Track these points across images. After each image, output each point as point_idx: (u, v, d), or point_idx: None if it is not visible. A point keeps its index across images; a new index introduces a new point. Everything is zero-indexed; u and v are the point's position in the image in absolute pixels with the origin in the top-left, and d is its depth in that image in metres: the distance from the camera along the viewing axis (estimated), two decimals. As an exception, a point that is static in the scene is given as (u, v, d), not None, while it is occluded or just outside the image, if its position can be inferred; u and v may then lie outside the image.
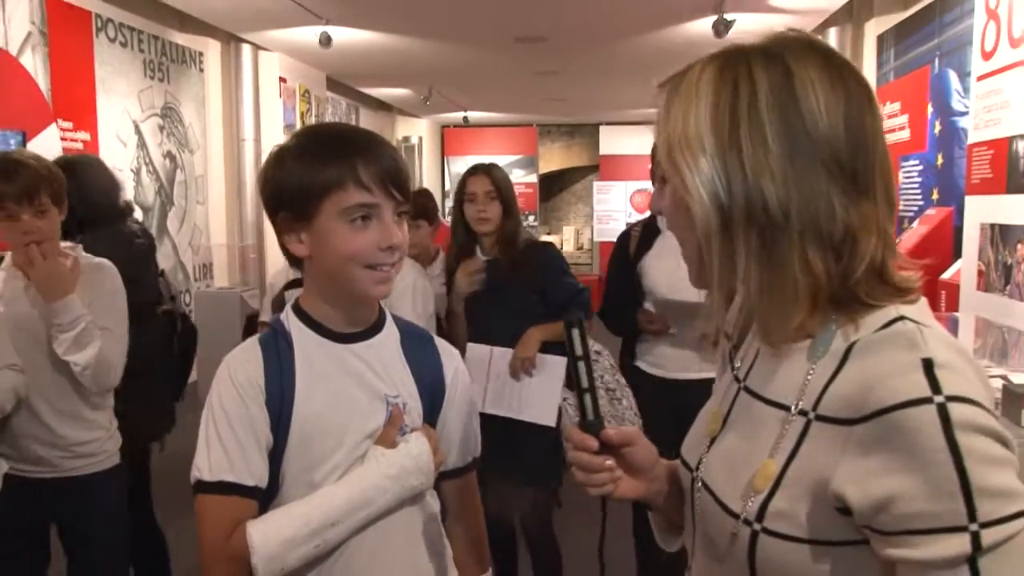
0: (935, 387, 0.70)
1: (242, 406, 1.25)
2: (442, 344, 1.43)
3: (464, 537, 1.44)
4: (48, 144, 4.32)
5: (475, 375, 2.58)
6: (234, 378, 1.28)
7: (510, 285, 2.72)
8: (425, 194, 3.44)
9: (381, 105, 11.24)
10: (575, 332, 0.98)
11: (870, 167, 0.80)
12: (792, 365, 0.83)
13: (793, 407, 0.81)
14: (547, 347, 2.73)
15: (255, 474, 1.25)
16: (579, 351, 0.98)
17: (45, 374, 2.16)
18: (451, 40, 7.10)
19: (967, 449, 0.69)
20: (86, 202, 2.61)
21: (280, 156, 1.26)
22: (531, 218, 13.27)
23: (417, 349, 1.37)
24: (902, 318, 0.78)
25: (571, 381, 1.03)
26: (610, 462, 0.99)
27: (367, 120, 10.52)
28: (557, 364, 2.71)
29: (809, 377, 0.81)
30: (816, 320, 0.81)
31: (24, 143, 4.09)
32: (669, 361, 2.73)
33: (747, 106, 0.80)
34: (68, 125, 4.63)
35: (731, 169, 0.80)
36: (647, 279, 2.75)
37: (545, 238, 14.64)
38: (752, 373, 0.91)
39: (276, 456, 1.26)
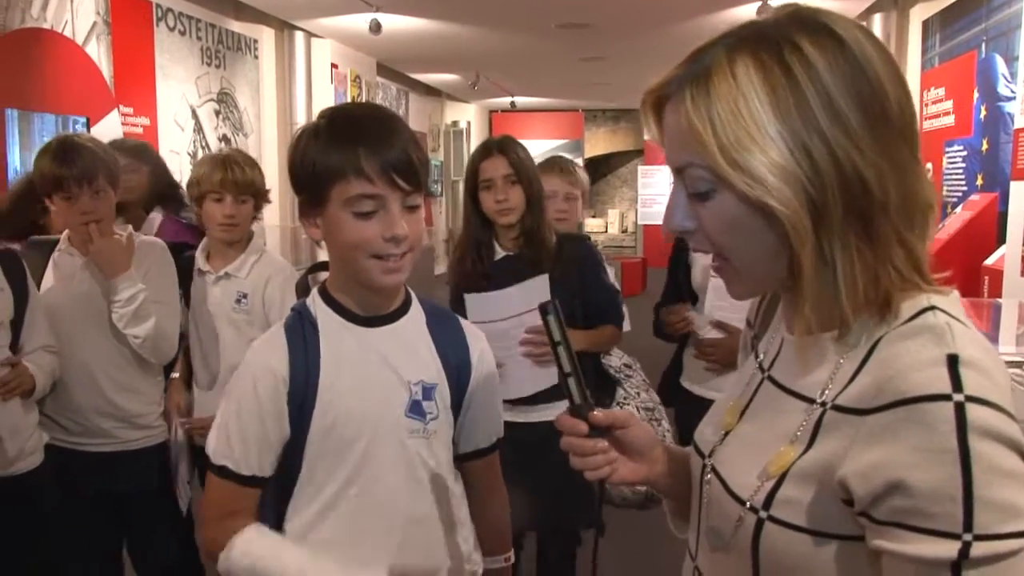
0: (957, 385, 0.66)
1: (254, 400, 1.25)
2: (467, 325, 1.41)
3: (487, 517, 1.43)
4: (110, 128, 4.42)
5: None
6: (254, 368, 1.28)
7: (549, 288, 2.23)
8: None
9: (430, 90, 11.25)
10: (551, 319, 0.95)
11: (918, 144, 0.75)
12: (821, 355, 0.78)
13: (817, 398, 0.76)
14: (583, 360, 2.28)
15: (253, 465, 1.26)
16: (556, 336, 0.95)
17: (104, 347, 2.22)
18: (497, 27, 7.09)
19: (978, 455, 0.65)
20: (161, 182, 2.79)
21: (299, 137, 1.24)
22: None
23: (443, 331, 1.36)
24: (933, 308, 0.73)
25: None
26: (603, 443, 0.95)
27: (416, 105, 10.55)
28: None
29: (837, 368, 0.76)
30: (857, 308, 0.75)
31: (88, 127, 4.21)
32: (720, 378, 2.30)
33: (809, 81, 0.72)
34: (129, 110, 4.74)
35: (815, 152, 0.71)
36: (693, 277, 2.38)
37: (591, 221, 14.67)
38: (777, 363, 0.86)
39: (297, 441, 1.26)
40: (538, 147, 13.23)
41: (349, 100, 7.81)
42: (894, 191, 0.72)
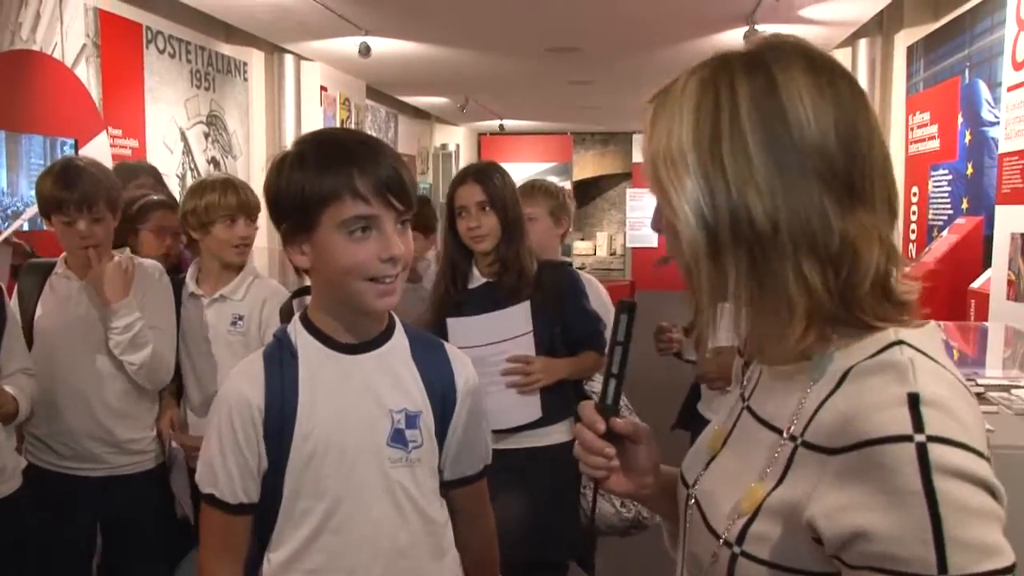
0: (918, 425, 0.66)
1: (231, 428, 1.24)
2: (452, 351, 1.39)
3: (474, 545, 1.41)
4: (98, 150, 4.40)
5: None
6: (229, 398, 1.26)
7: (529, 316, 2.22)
8: (423, 202, 3.03)
9: (419, 113, 11.27)
10: (624, 318, 0.96)
11: (867, 174, 0.76)
12: (790, 387, 0.79)
13: (785, 431, 0.77)
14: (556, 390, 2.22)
15: (237, 493, 1.25)
16: (621, 336, 0.96)
17: (99, 372, 2.21)
18: (486, 50, 7.12)
19: (944, 495, 0.64)
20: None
21: (280, 164, 1.22)
22: (565, 224, 13.23)
23: (427, 357, 1.34)
24: (900, 343, 0.73)
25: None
26: (610, 450, 0.96)
27: (405, 127, 10.57)
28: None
29: (803, 401, 0.76)
30: (816, 341, 0.76)
31: (76, 149, 4.19)
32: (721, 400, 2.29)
33: (728, 118, 0.75)
34: (118, 132, 4.73)
35: (715, 186, 0.75)
36: None
37: (579, 244, 14.71)
38: (755, 393, 0.87)
39: (277, 471, 1.25)
40: (527, 170, 13.27)
41: (338, 123, 7.80)
42: (787, 230, 0.74)
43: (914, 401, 0.67)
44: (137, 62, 4.96)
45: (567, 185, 13.30)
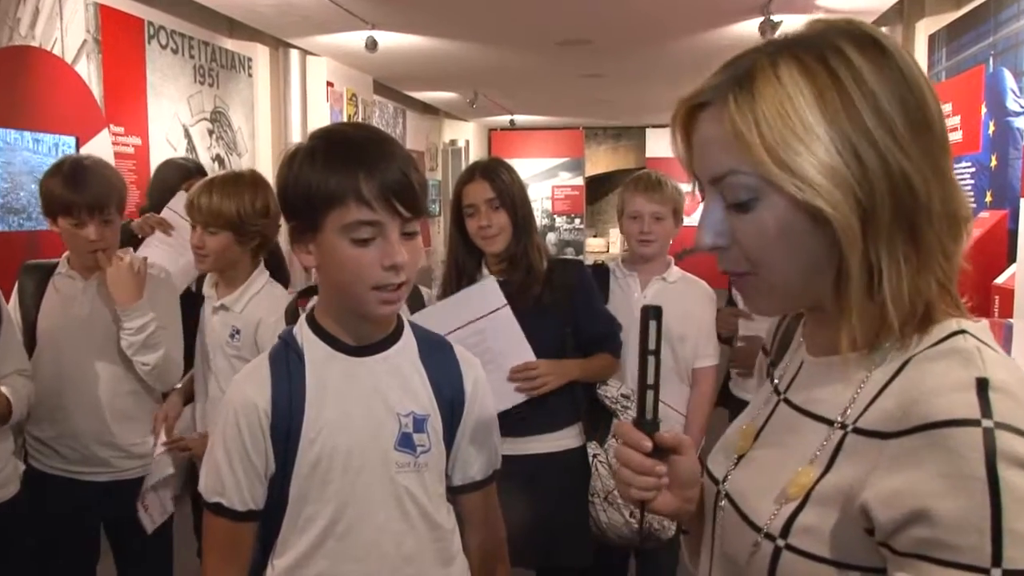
0: (986, 410, 0.64)
1: (237, 433, 1.24)
2: (461, 352, 1.39)
3: (483, 551, 1.40)
4: (100, 148, 4.40)
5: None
6: (235, 402, 1.26)
7: (538, 316, 2.17)
8: None
9: (428, 108, 11.24)
10: (652, 324, 0.92)
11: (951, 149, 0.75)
12: (843, 376, 0.77)
13: (837, 421, 0.75)
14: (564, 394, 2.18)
15: (246, 499, 1.25)
16: (652, 345, 0.93)
17: (106, 374, 2.22)
18: (496, 44, 7.09)
19: (1008, 485, 0.62)
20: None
21: (291, 159, 1.22)
22: (577, 220, 13.23)
23: (436, 359, 1.33)
24: (963, 332, 0.73)
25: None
26: (661, 467, 0.92)
27: (414, 123, 10.54)
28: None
29: (859, 390, 0.75)
30: (887, 327, 0.73)
31: (77, 147, 4.18)
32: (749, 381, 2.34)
33: (855, 85, 0.72)
34: (120, 130, 4.71)
35: (863, 154, 0.71)
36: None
37: (592, 241, 14.67)
38: (795, 385, 0.85)
39: (284, 476, 1.25)
40: (538, 165, 13.24)
41: (345, 119, 7.79)
42: (937, 199, 0.72)
43: (983, 386, 0.66)
44: (139, 58, 4.94)
45: (579, 180, 13.28)
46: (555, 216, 13.16)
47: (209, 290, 2.29)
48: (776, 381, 0.89)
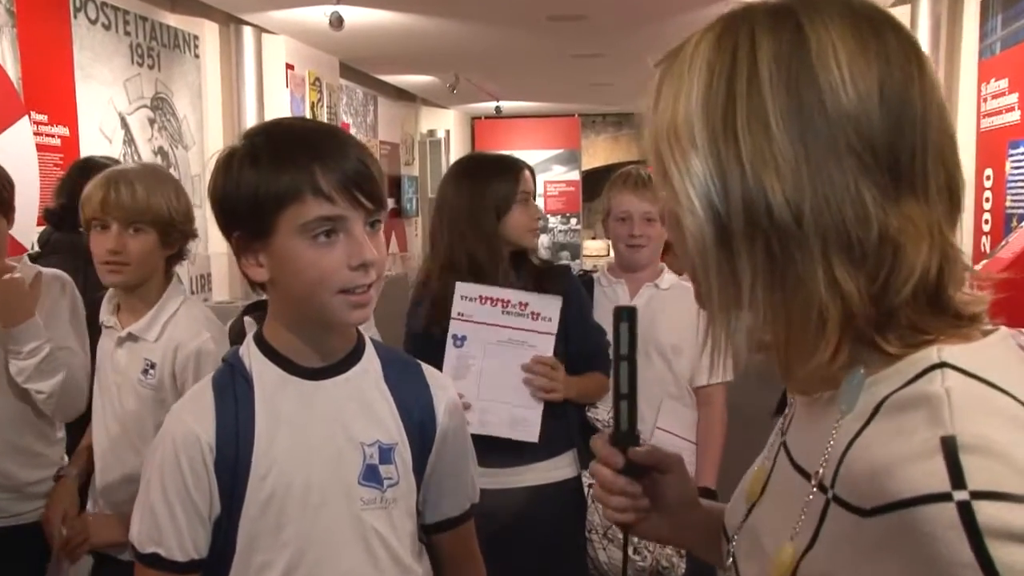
0: (957, 478, 0.61)
1: (177, 470, 1.23)
2: (432, 373, 1.40)
3: None
4: (19, 139, 4.26)
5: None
6: (174, 435, 1.25)
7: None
8: None
9: (402, 95, 11.22)
10: (624, 327, 0.95)
11: (919, 153, 0.71)
12: (821, 421, 0.76)
13: (814, 478, 0.74)
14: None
15: (187, 547, 1.24)
16: (624, 350, 0.95)
17: None
18: (478, 20, 7.02)
19: (1005, 565, 0.58)
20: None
21: (228, 162, 1.22)
22: (573, 220, 13.13)
23: (403, 381, 1.34)
24: (941, 366, 0.67)
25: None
26: (634, 488, 0.96)
27: (387, 111, 10.51)
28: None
29: (831, 440, 0.73)
30: (850, 361, 0.72)
31: (-10, 139, 4.03)
32: None
33: (746, 82, 0.72)
34: (43, 118, 4.57)
35: (726, 165, 0.72)
36: None
37: (590, 243, 14.60)
38: (791, 427, 0.85)
39: (230, 518, 1.24)
40: (528, 158, 13.04)
41: (307, 106, 7.76)
42: (813, 221, 0.70)
43: (950, 447, 0.62)
44: (64, 34, 4.79)
45: (575, 175, 13.18)
46: (548, 215, 13.04)
47: (108, 317, 2.09)
48: (784, 417, 0.89)
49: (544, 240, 12.74)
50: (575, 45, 8.09)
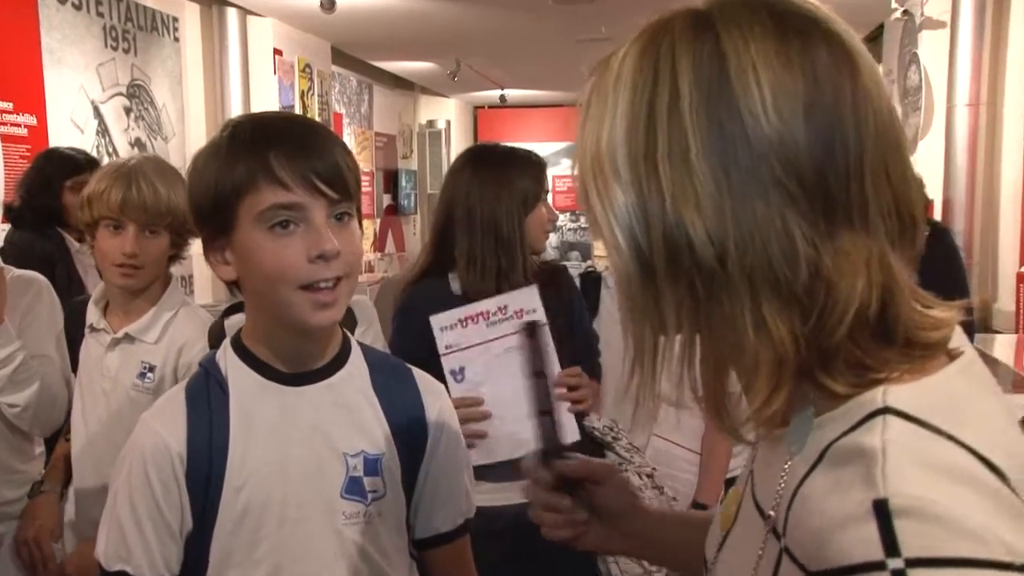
0: (891, 546, 0.61)
1: (145, 483, 1.23)
2: (423, 379, 1.41)
3: None
4: (-19, 129, 4.26)
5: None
6: (143, 445, 1.26)
7: None
8: None
9: (400, 82, 11.24)
10: (531, 344, 1.04)
11: (853, 176, 0.69)
12: (775, 458, 0.77)
13: (767, 521, 0.76)
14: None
15: (157, 565, 1.24)
16: (535, 366, 1.03)
17: None
18: (481, 2, 7.04)
19: None
20: None
21: (196, 159, 1.27)
22: (583, 218, 13.10)
23: (391, 387, 1.35)
24: (884, 411, 0.67)
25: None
26: (566, 502, 1.03)
27: (383, 100, 10.55)
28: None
29: (782, 479, 0.74)
30: (789, 401, 0.72)
31: (-50, 129, 4.03)
32: None
33: (667, 106, 0.71)
34: (8, 106, 4.57)
35: (648, 198, 0.71)
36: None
37: (599, 244, 14.52)
38: (757, 456, 0.86)
39: (203, 533, 1.25)
40: (537, 150, 13.06)
41: (297, 95, 7.77)
42: (737, 260, 0.69)
43: (882, 511, 0.62)
44: (30, 15, 4.78)
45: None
46: (557, 213, 13.05)
47: (97, 318, 2.12)
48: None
49: (552, 239, 12.73)
50: (584, 29, 8.03)
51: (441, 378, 1.48)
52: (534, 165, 2.38)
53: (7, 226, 3.68)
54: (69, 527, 2.16)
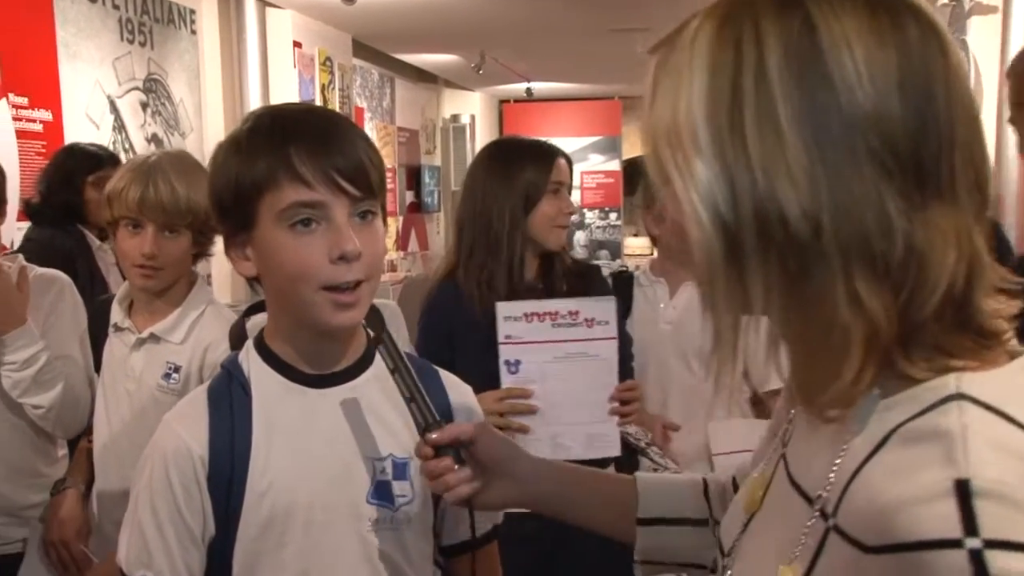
0: (970, 525, 0.63)
1: (167, 486, 1.24)
2: (449, 379, 1.43)
3: None
4: (-3, 125, 4.28)
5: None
6: (164, 447, 1.27)
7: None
8: None
9: (423, 75, 11.28)
10: (382, 349, 1.23)
11: (945, 151, 0.71)
12: (825, 440, 0.79)
13: (815, 501, 0.78)
14: None
15: (179, 570, 1.26)
16: (391, 365, 1.23)
17: None
18: (507, -11, 7.05)
19: None
20: None
21: (217, 152, 1.29)
22: (613, 215, 13.06)
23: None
24: (958, 397, 0.69)
25: None
26: (447, 461, 1.17)
27: (405, 94, 10.57)
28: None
29: (836, 464, 0.76)
30: (868, 382, 0.74)
31: (-36, 124, 4.07)
32: None
33: (753, 77, 0.73)
34: (22, 101, 4.59)
35: (735, 172, 0.73)
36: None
37: (632, 241, 14.53)
38: (792, 439, 0.89)
39: (226, 539, 1.26)
40: (563, 146, 13.00)
41: (317, 89, 7.77)
42: (832, 233, 0.71)
43: (963, 491, 0.64)
44: (45, 8, 4.80)
45: (615, 165, 13.12)
46: (585, 210, 12.99)
47: (121, 318, 2.14)
48: (788, 424, 0.92)
49: (580, 237, 12.69)
50: (616, 18, 8.06)
51: (466, 380, 1.48)
52: (539, 155, 2.38)
53: (24, 224, 3.70)
54: (94, 529, 2.18)
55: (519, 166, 2.36)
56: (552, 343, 2.23)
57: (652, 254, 13.04)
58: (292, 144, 1.21)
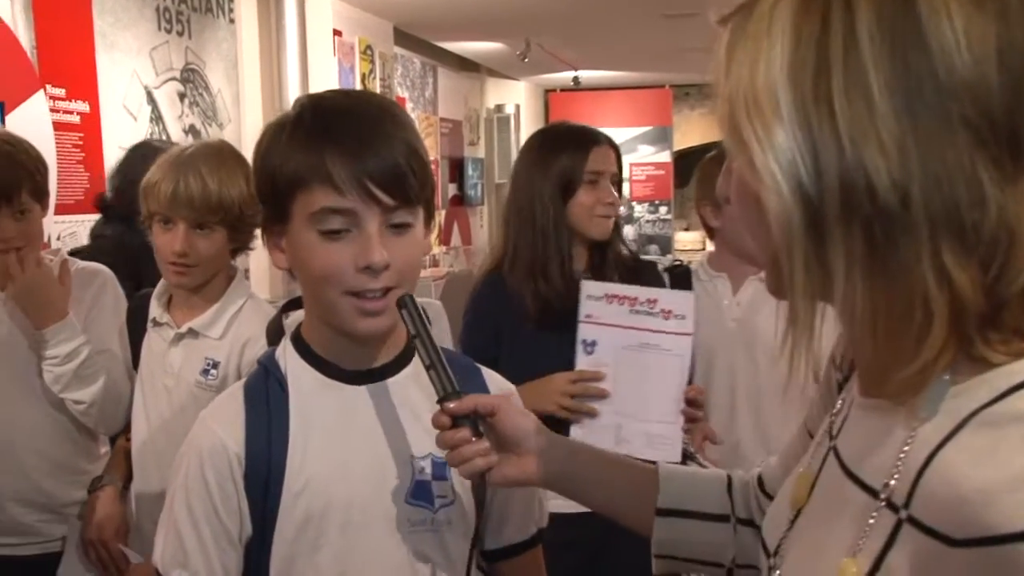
0: None
1: (203, 485, 1.25)
2: (492, 377, 1.43)
3: None
4: (35, 117, 4.34)
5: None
6: (200, 445, 1.28)
7: None
8: None
9: (466, 64, 11.26)
10: (405, 313, 1.21)
11: None
12: (887, 427, 0.78)
13: (881, 492, 0.76)
14: None
15: (215, 570, 1.27)
16: (412, 330, 1.21)
17: (30, 414, 2.20)
18: (553, -26, 7.01)
19: None
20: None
21: (265, 133, 1.30)
22: (663, 209, 13.01)
23: (459, 385, 1.33)
24: None
25: None
26: (464, 432, 1.16)
27: (448, 83, 10.56)
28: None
29: (905, 451, 0.75)
30: (949, 362, 0.73)
31: (2, 115, 4.10)
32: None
33: (842, 45, 0.73)
34: (60, 92, 4.64)
35: (819, 139, 0.73)
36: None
37: (682, 235, 14.46)
38: (844, 430, 0.88)
39: (263, 540, 1.26)
40: (613, 137, 12.99)
41: (358, 78, 7.80)
42: (922, 204, 0.71)
43: None
44: (83, -1, 4.87)
45: (666, 156, 13.05)
46: (634, 203, 12.94)
47: (160, 313, 2.17)
48: (833, 416, 0.92)
49: (629, 232, 12.64)
50: (668, 3, 7.99)
51: (511, 378, 1.47)
52: (576, 142, 2.38)
53: (61, 217, 3.74)
54: (132, 528, 2.21)
55: (555, 153, 2.37)
56: (627, 329, 2.22)
57: (704, 249, 12.98)
58: (328, 144, 1.21)
